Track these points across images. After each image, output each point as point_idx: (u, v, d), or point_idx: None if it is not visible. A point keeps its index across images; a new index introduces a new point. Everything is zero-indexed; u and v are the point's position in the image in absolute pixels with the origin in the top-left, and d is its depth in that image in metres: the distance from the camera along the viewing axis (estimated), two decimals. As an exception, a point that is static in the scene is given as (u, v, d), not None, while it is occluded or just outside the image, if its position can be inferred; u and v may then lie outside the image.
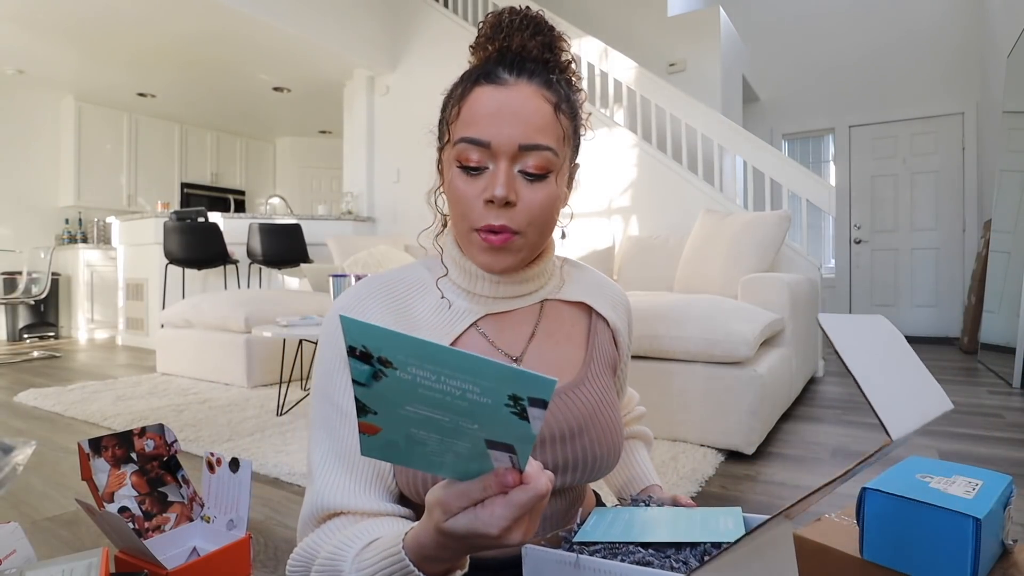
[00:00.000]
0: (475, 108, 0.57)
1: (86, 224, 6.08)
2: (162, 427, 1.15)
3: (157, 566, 0.90)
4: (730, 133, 3.54)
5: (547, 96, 0.59)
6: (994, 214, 3.81)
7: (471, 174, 0.58)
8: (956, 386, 2.98)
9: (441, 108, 0.63)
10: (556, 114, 0.59)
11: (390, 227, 5.00)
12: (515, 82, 0.57)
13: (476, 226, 0.58)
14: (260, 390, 2.94)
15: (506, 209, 0.57)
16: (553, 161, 0.58)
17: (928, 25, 5.13)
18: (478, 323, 0.64)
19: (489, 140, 0.56)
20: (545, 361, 0.65)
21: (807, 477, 1.66)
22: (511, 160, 0.57)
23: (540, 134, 0.57)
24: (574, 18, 4.76)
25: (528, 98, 0.57)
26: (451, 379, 0.33)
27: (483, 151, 0.56)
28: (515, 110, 0.56)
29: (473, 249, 0.60)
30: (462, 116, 0.58)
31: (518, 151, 0.56)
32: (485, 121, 0.56)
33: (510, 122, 0.56)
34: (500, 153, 0.56)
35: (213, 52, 4.78)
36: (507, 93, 0.57)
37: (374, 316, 0.61)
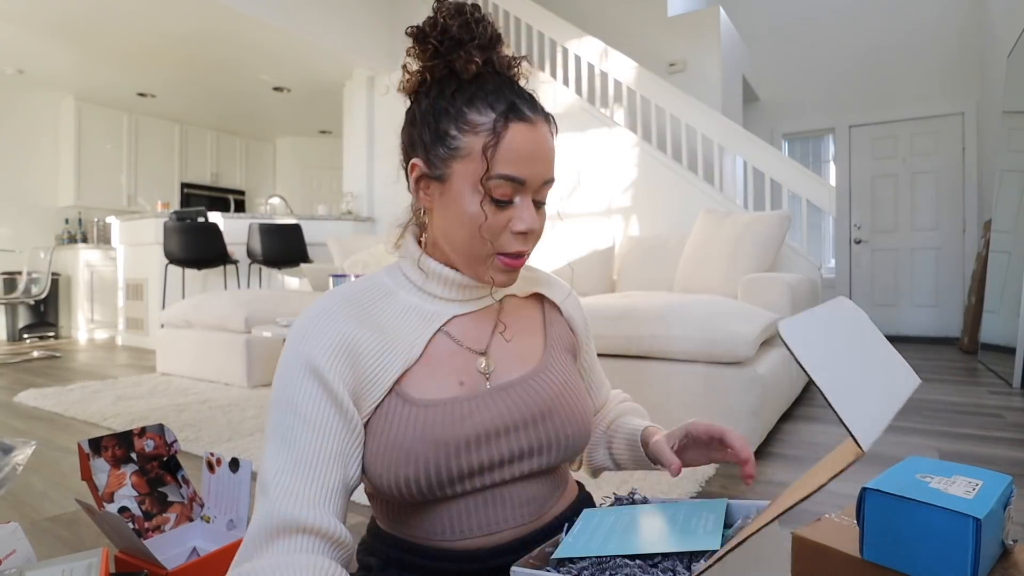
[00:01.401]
0: (515, 147, 0.60)
1: (86, 224, 6.08)
2: (162, 427, 1.15)
3: (157, 566, 0.90)
4: (730, 133, 3.54)
5: (552, 131, 0.65)
6: (994, 214, 3.81)
7: (500, 206, 0.61)
8: (956, 386, 2.98)
9: (434, 116, 0.62)
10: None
11: (390, 227, 4.96)
12: (537, 120, 0.62)
13: (503, 251, 0.63)
14: (260, 390, 2.94)
15: (529, 236, 0.64)
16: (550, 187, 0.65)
17: (928, 25, 5.13)
18: (444, 326, 0.67)
19: (526, 179, 0.61)
20: (508, 352, 0.69)
21: (807, 477, 1.66)
22: (532, 193, 0.63)
23: (553, 168, 0.64)
24: (574, 18, 4.76)
25: (547, 136, 0.63)
26: None
27: (515, 187, 0.61)
28: (544, 151, 0.62)
29: (488, 270, 0.65)
30: (500, 152, 0.59)
31: (541, 185, 0.63)
32: (524, 161, 0.60)
33: (541, 162, 0.62)
34: (529, 189, 0.62)
35: (213, 52, 4.78)
36: (536, 134, 0.61)
37: (340, 325, 0.61)
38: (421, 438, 0.58)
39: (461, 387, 0.64)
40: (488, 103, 0.60)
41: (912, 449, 1.91)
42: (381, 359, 0.61)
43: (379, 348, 0.62)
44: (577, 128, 3.96)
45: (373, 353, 0.61)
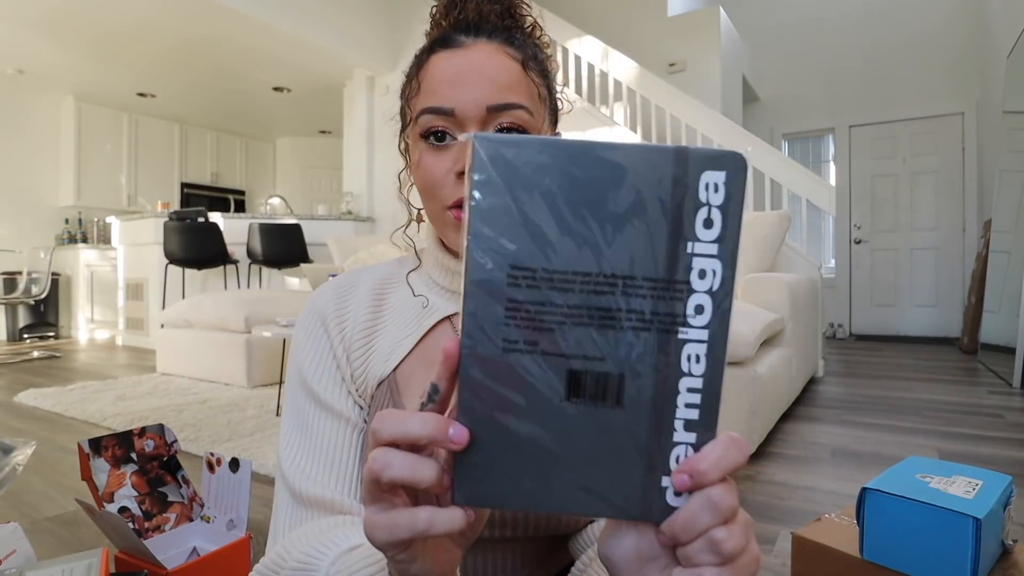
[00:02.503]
0: (433, 76, 0.52)
1: (86, 224, 6.08)
2: (162, 427, 1.15)
3: (157, 566, 0.90)
4: (730, 133, 3.54)
5: (511, 53, 0.53)
6: (994, 214, 3.81)
7: (437, 146, 0.52)
8: (956, 386, 2.98)
9: (400, 92, 0.58)
10: (524, 71, 0.53)
11: (390, 227, 5.00)
12: (473, 42, 0.52)
13: (448, 203, 0.52)
14: (260, 390, 2.94)
15: None
16: (528, 121, 0.52)
17: (928, 25, 5.13)
18: (452, 319, 0.59)
19: (453, 106, 0.50)
20: None
21: (807, 477, 1.66)
22: (480, 126, 0.51)
23: (509, 92, 0.51)
24: (574, 18, 4.76)
25: (490, 56, 0.52)
26: None
27: (448, 120, 0.51)
28: (477, 70, 0.51)
29: (448, 230, 0.54)
30: (422, 88, 0.52)
31: (487, 114, 0.50)
32: (445, 87, 0.51)
33: (473, 84, 0.50)
34: (467, 120, 0.50)
35: (213, 52, 4.78)
36: (466, 55, 0.51)
37: (355, 305, 0.58)
38: None
39: None
40: (425, 47, 0.55)
41: (912, 449, 1.91)
42: (377, 345, 0.57)
43: (377, 333, 0.57)
44: (578, 128, 3.97)
45: (370, 335, 0.57)
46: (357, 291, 0.58)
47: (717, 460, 0.26)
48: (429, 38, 0.57)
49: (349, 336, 0.56)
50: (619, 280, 0.26)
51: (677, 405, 0.26)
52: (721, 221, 0.26)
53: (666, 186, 0.25)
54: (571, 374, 0.26)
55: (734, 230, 0.26)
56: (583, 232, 0.25)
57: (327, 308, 0.57)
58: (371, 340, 0.57)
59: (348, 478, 0.52)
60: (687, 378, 0.26)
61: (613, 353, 0.26)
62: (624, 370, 0.26)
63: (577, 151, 0.25)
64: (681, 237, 0.26)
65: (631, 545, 0.30)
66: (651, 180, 0.25)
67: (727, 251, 0.26)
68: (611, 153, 0.25)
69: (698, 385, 0.26)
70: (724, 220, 0.26)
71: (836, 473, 1.69)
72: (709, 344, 0.26)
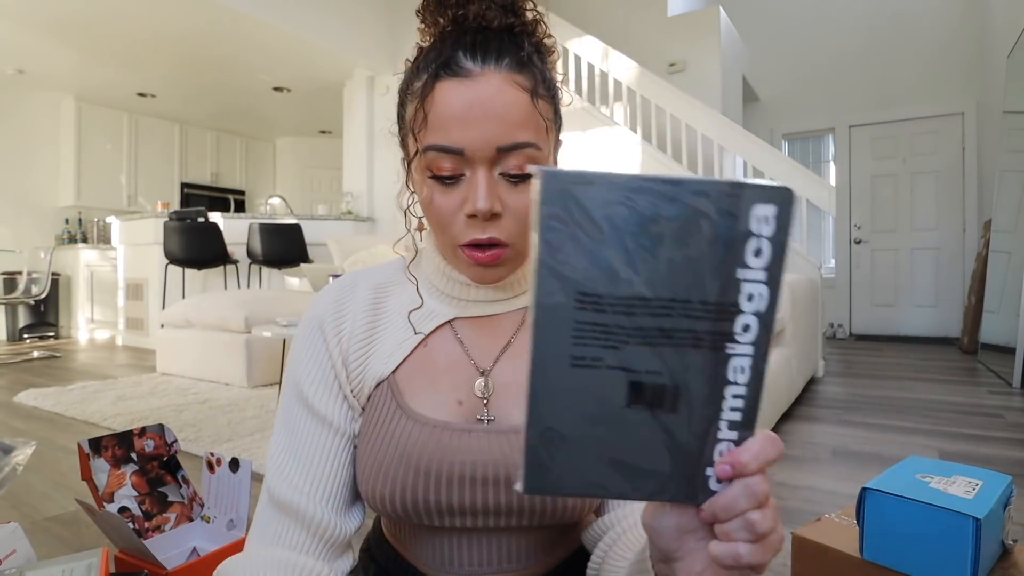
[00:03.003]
0: (441, 110, 0.49)
1: (86, 224, 6.08)
2: (162, 427, 1.15)
3: (157, 566, 0.90)
4: (730, 133, 3.54)
5: (521, 83, 0.50)
6: (994, 214, 3.81)
7: (446, 184, 0.50)
8: (956, 386, 2.98)
9: (398, 102, 0.56)
10: (534, 102, 0.51)
11: (390, 227, 5.00)
12: (481, 71, 0.49)
13: (459, 242, 0.51)
14: (260, 390, 2.94)
15: (492, 221, 0.50)
16: (537, 157, 0.51)
17: (928, 25, 5.13)
18: (453, 324, 0.58)
19: (462, 147, 0.49)
20: (517, 383, 0.57)
21: (807, 477, 1.66)
22: (489, 165, 0.50)
23: (519, 130, 0.49)
24: (574, 18, 4.76)
25: (499, 90, 0.49)
26: None
27: (456, 159, 0.49)
28: (486, 108, 0.48)
29: (460, 263, 0.54)
30: (429, 122, 0.50)
31: (496, 154, 0.49)
32: (454, 125, 0.49)
33: (483, 123, 0.48)
34: (476, 160, 0.49)
35: (213, 52, 4.78)
36: (474, 88, 0.49)
37: (353, 309, 0.57)
38: (402, 457, 0.52)
39: (459, 407, 0.55)
40: (428, 63, 0.51)
41: (912, 449, 1.91)
42: (377, 347, 0.57)
43: (376, 335, 0.57)
44: (578, 127, 3.96)
45: (369, 337, 0.57)
46: (355, 295, 0.58)
47: (757, 453, 0.31)
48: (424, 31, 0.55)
49: (347, 339, 0.56)
50: (676, 304, 0.29)
51: (723, 409, 0.30)
52: (770, 251, 0.28)
53: (721, 218, 0.28)
54: (632, 385, 0.30)
55: (780, 258, 0.28)
56: (644, 260, 0.28)
57: (325, 313, 0.57)
58: (370, 342, 0.57)
59: (326, 486, 0.54)
60: (732, 386, 0.30)
61: (670, 368, 0.29)
62: (679, 382, 0.30)
63: (638, 186, 0.27)
64: (733, 265, 0.28)
65: (673, 520, 0.35)
66: (707, 212, 0.28)
67: (774, 277, 0.28)
68: (670, 188, 0.27)
69: (742, 392, 0.30)
70: (772, 250, 0.28)
71: (836, 473, 1.69)
72: (754, 358, 0.29)
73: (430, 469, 0.52)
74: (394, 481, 0.52)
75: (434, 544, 0.57)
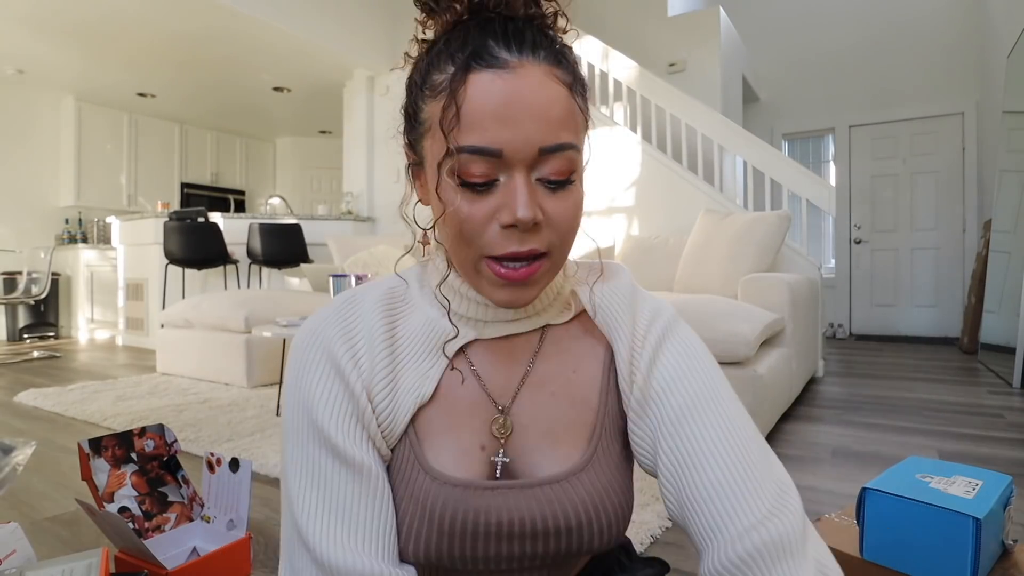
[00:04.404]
0: (476, 106, 0.43)
1: (86, 224, 6.08)
2: (162, 427, 1.15)
3: (157, 566, 0.90)
4: (730, 133, 3.54)
5: (560, 76, 0.45)
6: (994, 214, 3.81)
7: (477, 191, 0.45)
8: (956, 386, 2.98)
9: (407, 100, 0.50)
10: (573, 98, 0.46)
11: (390, 227, 5.00)
12: (519, 63, 0.44)
13: (492, 254, 0.46)
14: (260, 390, 2.94)
15: (532, 232, 0.45)
16: (576, 160, 0.46)
17: (928, 25, 5.13)
18: (467, 353, 0.53)
19: (501, 148, 0.43)
20: (540, 416, 0.51)
21: (807, 477, 1.66)
22: (528, 169, 0.44)
23: (561, 130, 0.45)
24: (574, 18, 4.73)
25: (541, 85, 0.44)
26: None
27: (492, 162, 0.44)
28: (528, 104, 0.43)
29: (482, 282, 0.48)
30: (462, 116, 0.43)
31: (537, 157, 0.44)
32: (492, 123, 0.43)
33: (524, 121, 0.43)
34: (515, 163, 0.44)
35: (213, 52, 4.78)
36: (514, 81, 0.43)
37: (367, 336, 0.51)
38: (424, 514, 0.48)
39: (482, 452, 0.51)
40: (451, 53, 0.45)
41: (912, 449, 1.91)
42: (402, 379, 0.51)
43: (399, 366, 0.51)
44: (577, 128, 3.97)
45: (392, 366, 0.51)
46: (364, 319, 0.51)
47: None
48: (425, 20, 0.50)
49: (368, 372, 0.50)
50: None
51: None
52: None
53: None
54: None
55: None
56: None
57: (335, 342, 0.50)
58: (395, 375, 0.51)
59: (380, 539, 0.47)
60: None
61: None
62: None
63: None
64: None
65: None
66: None
67: None
68: None
69: None
70: None
71: (836, 473, 1.69)
72: None
73: (454, 528, 0.48)
74: (417, 537, 0.48)
75: None
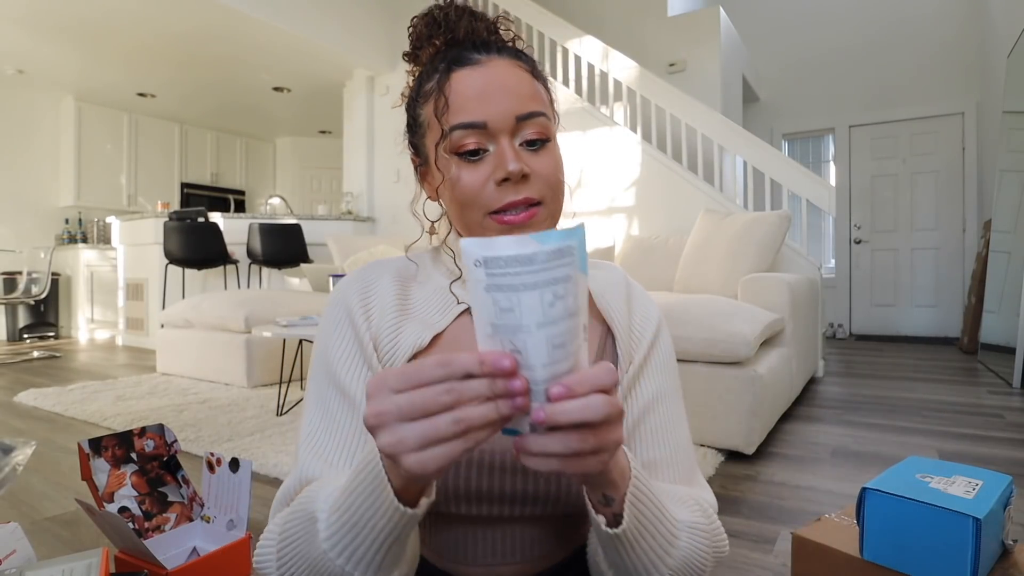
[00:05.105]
0: (460, 92, 0.55)
1: (86, 224, 6.08)
2: (162, 427, 1.15)
3: (157, 566, 0.90)
4: (730, 133, 3.54)
5: (522, 65, 0.58)
6: (994, 214, 3.81)
7: (471, 160, 0.55)
8: (956, 386, 2.98)
9: (408, 113, 0.62)
10: (535, 81, 0.58)
11: (390, 227, 5.00)
12: (489, 58, 0.56)
13: (493, 208, 0.55)
14: (260, 390, 2.94)
15: (523, 183, 0.55)
16: (549, 126, 0.57)
17: (928, 25, 5.13)
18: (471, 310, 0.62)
19: (485, 120, 0.54)
20: None
21: (807, 477, 1.66)
22: (510, 135, 0.55)
23: (531, 101, 0.56)
24: (574, 18, 4.76)
25: (508, 70, 0.56)
26: None
27: (480, 134, 0.54)
28: (501, 84, 0.55)
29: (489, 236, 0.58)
30: (451, 105, 0.55)
31: (515, 124, 0.55)
32: (474, 103, 0.54)
33: (500, 97, 0.54)
34: (499, 131, 0.54)
35: (213, 52, 4.78)
36: (487, 71, 0.55)
37: (381, 295, 0.61)
38: None
39: None
40: (435, 67, 0.58)
41: (912, 449, 1.91)
42: (406, 329, 0.59)
43: (406, 320, 0.60)
44: (578, 127, 3.96)
45: (399, 320, 0.60)
46: (381, 282, 0.62)
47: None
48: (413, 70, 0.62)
49: (377, 323, 0.59)
50: None
51: None
52: None
53: None
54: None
55: None
56: None
57: (353, 300, 0.60)
58: (400, 326, 0.59)
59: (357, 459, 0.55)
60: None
61: None
62: None
63: None
64: None
65: None
66: None
67: None
68: None
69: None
70: None
71: (836, 473, 1.69)
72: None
73: None
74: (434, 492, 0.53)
75: (448, 536, 0.59)
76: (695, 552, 0.50)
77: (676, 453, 0.59)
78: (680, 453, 0.59)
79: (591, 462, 0.37)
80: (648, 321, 0.63)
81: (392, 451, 0.35)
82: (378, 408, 0.35)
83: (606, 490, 0.44)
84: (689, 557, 0.50)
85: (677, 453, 0.59)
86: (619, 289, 0.64)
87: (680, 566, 0.49)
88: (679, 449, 0.60)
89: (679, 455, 0.59)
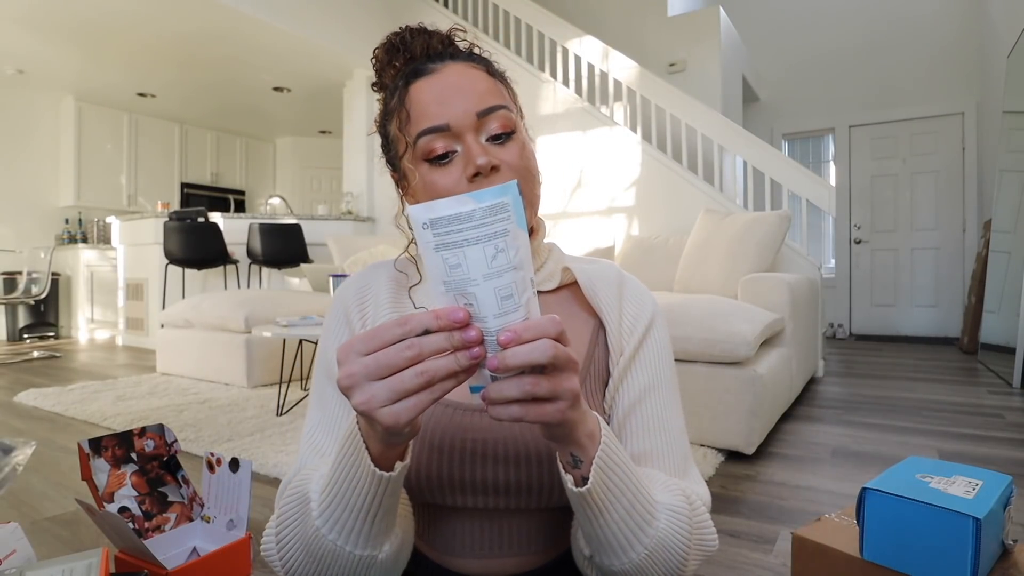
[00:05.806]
0: (419, 101, 0.57)
1: (86, 224, 6.08)
2: (162, 427, 1.15)
3: (157, 566, 0.90)
4: (730, 133, 3.54)
5: (476, 66, 0.60)
6: (994, 214, 3.81)
7: (442, 164, 0.56)
8: (956, 386, 2.98)
9: (380, 133, 0.64)
10: (492, 76, 0.60)
11: (390, 227, 5.00)
12: (443, 65, 0.58)
13: None
14: (260, 390, 2.94)
15: (494, 175, 0.56)
16: (512, 118, 0.58)
17: (928, 25, 5.13)
18: None
19: (447, 122, 0.55)
20: None
21: (807, 477, 1.66)
22: (475, 132, 0.56)
23: (489, 96, 0.57)
24: (574, 18, 4.76)
25: (462, 72, 0.58)
26: None
27: (445, 136, 0.56)
28: (457, 85, 0.57)
29: None
30: (411, 116, 0.57)
31: (477, 120, 0.56)
32: (434, 107, 0.56)
33: (458, 98, 0.56)
34: (462, 130, 0.56)
35: (213, 52, 4.78)
36: (441, 76, 0.57)
37: (376, 295, 0.63)
38: (418, 436, 0.56)
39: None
40: (396, 84, 0.61)
41: (912, 449, 1.91)
42: None
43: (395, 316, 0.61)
44: (578, 127, 3.96)
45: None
46: (377, 283, 0.65)
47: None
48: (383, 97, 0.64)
49: (372, 322, 0.62)
50: None
51: None
52: None
53: None
54: None
55: None
56: None
57: (350, 300, 0.64)
58: None
59: None
60: None
61: None
62: None
63: None
64: None
65: None
66: None
67: None
68: None
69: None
70: None
71: (836, 473, 1.69)
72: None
73: (443, 445, 0.56)
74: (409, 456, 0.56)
75: (444, 528, 0.60)
76: (673, 535, 0.49)
77: (668, 445, 0.59)
78: (673, 445, 0.59)
79: (548, 409, 0.39)
80: (641, 314, 0.63)
81: (366, 408, 0.37)
82: (348, 371, 0.38)
83: (573, 450, 0.45)
84: (666, 539, 0.49)
85: (669, 445, 0.59)
86: (611, 283, 0.64)
87: (657, 546, 0.49)
88: (671, 441, 0.59)
89: (671, 447, 0.59)
